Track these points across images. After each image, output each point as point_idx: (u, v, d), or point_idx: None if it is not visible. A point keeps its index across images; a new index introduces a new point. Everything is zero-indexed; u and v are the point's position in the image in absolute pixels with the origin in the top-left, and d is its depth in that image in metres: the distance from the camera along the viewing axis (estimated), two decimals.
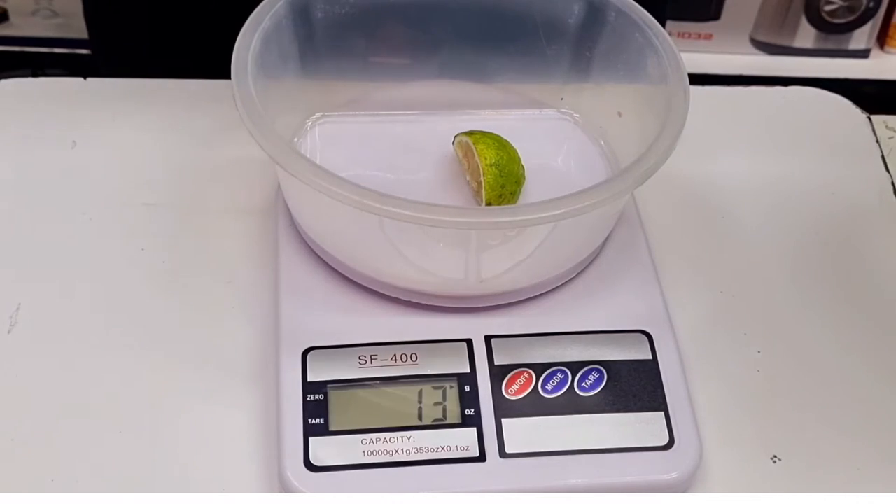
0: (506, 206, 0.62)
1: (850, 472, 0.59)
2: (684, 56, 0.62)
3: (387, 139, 0.65)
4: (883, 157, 0.74)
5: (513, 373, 0.58)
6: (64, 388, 0.59)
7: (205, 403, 0.59)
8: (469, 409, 0.57)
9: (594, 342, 0.60)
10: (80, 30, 1.45)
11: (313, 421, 0.56)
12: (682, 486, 0.57)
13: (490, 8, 0.67)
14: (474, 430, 0.56)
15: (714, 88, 0.78)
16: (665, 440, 0.57)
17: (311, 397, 0.57)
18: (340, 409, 0.56)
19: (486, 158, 0.62)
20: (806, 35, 1.45)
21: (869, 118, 0.77)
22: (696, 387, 0.60)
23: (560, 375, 0.58)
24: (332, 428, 0.56)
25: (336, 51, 0.67)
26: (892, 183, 0.73)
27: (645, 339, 0.60)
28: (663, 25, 0.84)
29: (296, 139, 0.67)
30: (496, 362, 0.58)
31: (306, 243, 0.62)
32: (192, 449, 0.57)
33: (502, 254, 0.59)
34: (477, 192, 0.63)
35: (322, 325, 0.59)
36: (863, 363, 0.63)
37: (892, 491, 0.58)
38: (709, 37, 1.46)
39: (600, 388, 0.58)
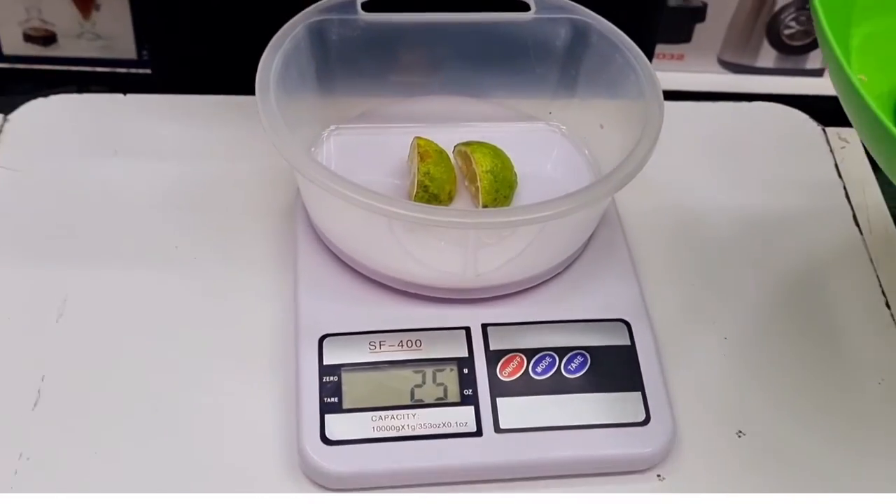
0: (500, 208, 0.62)
1: (808, 444, 0.59)
2: (659, 74, 0.62)
3: (394, 148, 0.65)
4: (836, 164, 0.74)
5: (506, 357, 0.58)
6: (106, 369, 0.59)
7: (232, 384, 0.59)
8: (467, 389, 0.57)
9: (579, 330, 0.59)
10: (120, 51, 1.45)
11: (328, 400, 0.56)
12: (657, 459, 0.57)
13: (486, 31, 0.67)
14: (472, 408, 0.56)
15: (686, 104, 0.77)
16: (642, 417, 0.57)
17: (326, 379, 0.57)
18: (353, 389, 0.56)
19: (482, 166, 0.62)
20: (767, 56, 1.45)
21: (824, 130, 0.77)
22: (670, 369, 0.60)
23: (549, 359, 0.58)
24: (345, 406, 0.56)
25: (349, 70, 0.66)
26: (844, 187, 0.73)
27: (624, 326, 0.60)
28: (653, 49, 0.85)
29: (313, 149, 0.67)
30: (492, 347, 0.58)
31: (322, 242, 0.62)
32: (220, 424, 0.57)
33: (497, 251, 0.59)
34: (475, 196, 0.63)
35: (336, 314, 0.59)
36: (817, 347, 0.63)
37: (843, 458, 0.58)
38: (681, 57, 1.46)
39: (584, 370, 0.58)
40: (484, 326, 0.59)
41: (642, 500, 0.56)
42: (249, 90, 0.58)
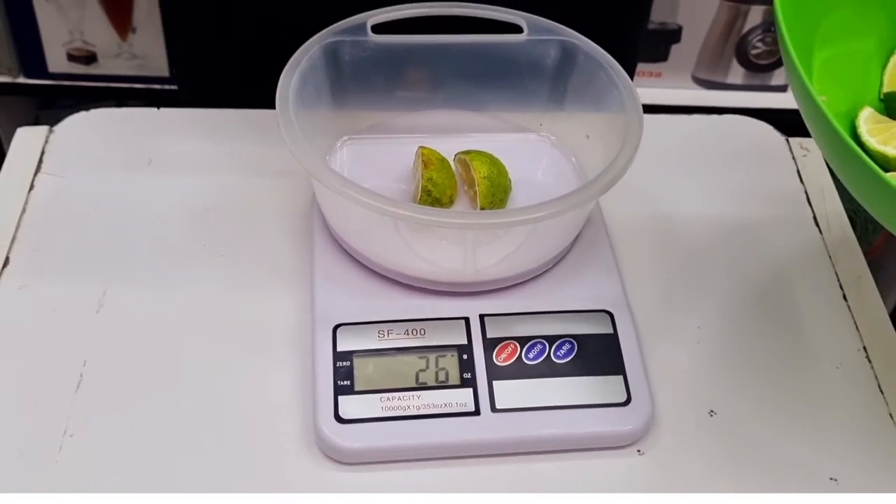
0: (496, 210, 0.62)
1: (772, 423, 0.59)
2: (639, 90, 0.62)
3: (401, 157, 0.65)
4: (798, 170, 0.74)
5: (502, 344, 0.58)
6: (142, 355, 0.59)
7: (255, 368, 0.59)
8: (466, 373, 0.57)
9: (567, 319, 0.59)
10: (155, 69, 1.45)
11: (342, 383, 0.56)
12: (637, 436, 0.57)
13: (484, 51, 0.67)
14: (471, 390, 0.56)
15: (663, 116, 0.77)
16: (623, 398, 0.57)
17: (339, 364, 0.57)
18: (363, 373, 0.56)
19: (480, 172, 0.62)
20: (736, 73, 1.45)
21: (787, 140, 0.77)
22: (649, 355, 0.61)
23: (540, 346, 0.58)
24: (356, 388, 0.56)
25: (360, 86, 0.66)
26: (805, 192, 0.73)
27: (608, 316, 0.60)
28: (634, 67, 0.85)
29: (327, 157, 0.67)
30: (488, 336, 0.58)
31: (336, 241, 0.62)
32: (245, 404, 0.57)
33: (493, 249, 0.59)
34: (473, 199, 0.63)
35: (349, 306, 0.59)
36: (781, 335, 0.63)
37: (804, 434, 0.58)
38: (658, 75, 1.45)
39: (572, 356, 0.58)
40: (481, 317, 0.59)
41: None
42: (270, 105, 0.59)
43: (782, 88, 1.48)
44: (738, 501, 0.55)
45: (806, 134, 0.76)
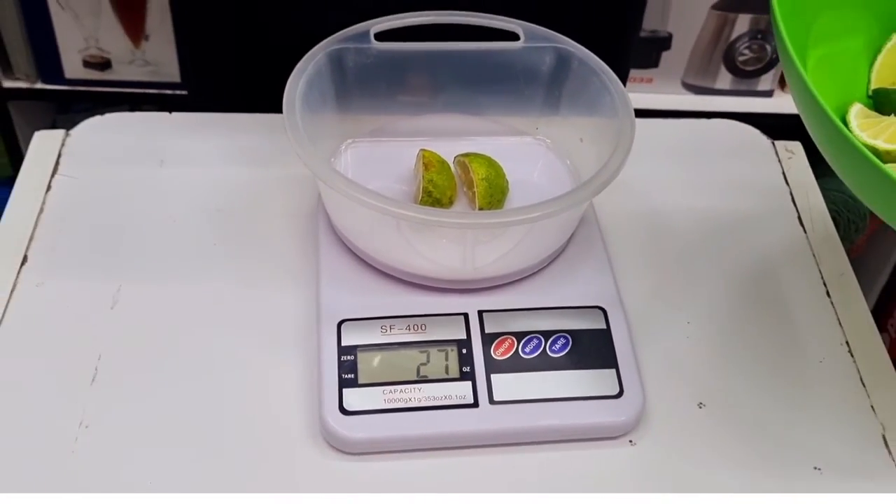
0: (494, 210, 0.62)
1: (758, 414, 0.59)
2: (631, 95, 0.62)
3: (402, 159, 0.65)
4: (783, 172, 0.74)
5: (499, 338, 0.58)
6: (154, 349, 0.59)
7: (263, 362, 0.59)
8: (466, 366, 0.57)
9: (562, 315, 0.59)
10: (167, 75, 1.45)
11: (346, 376, 0.56)
12: (629, 426, 0.57)
13: (482, 58, 0.67)
14: (470, 383, 0.56)
15: (654, 121, 0.77)
16: (616, 391, 0.57)
17: (344, 358, 0.57)
18: (367, 366, 0.56)
19: (478, 174, 0.62)
20: (724, 79, 1.45)
21: (773, 143, 0.77)
22: (640, 349, 0.61)
23: (536, 341, 0.58)
24: (360, 381, 0.56)
25: (363, 91, 0.66)
26: (790, 192, 0.73)
27: (601, 312, 0.60)
28: (626, 73, 0.85)
29: (332, 159, 0.67)
30: (487, 331, 0.58)
31: (341, 240, 0.62)
32: (253, 397, 0.57)
33: (491, 247, 0.59)
34: (472, 200, 0.63)
35: (353, 302, 0.59)
36: (767, 331, 0.63)
37: (788, 426, 0.58)
38: (650, 80, 1.45)
39: (566, 350, 0.58)
40: (480, 313, 0.59)
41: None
42: (277, 109, 0.59)
43: (768, 94, 1.48)
44: (725, 490, 0.55)
45: (791, 137, 0.77)
